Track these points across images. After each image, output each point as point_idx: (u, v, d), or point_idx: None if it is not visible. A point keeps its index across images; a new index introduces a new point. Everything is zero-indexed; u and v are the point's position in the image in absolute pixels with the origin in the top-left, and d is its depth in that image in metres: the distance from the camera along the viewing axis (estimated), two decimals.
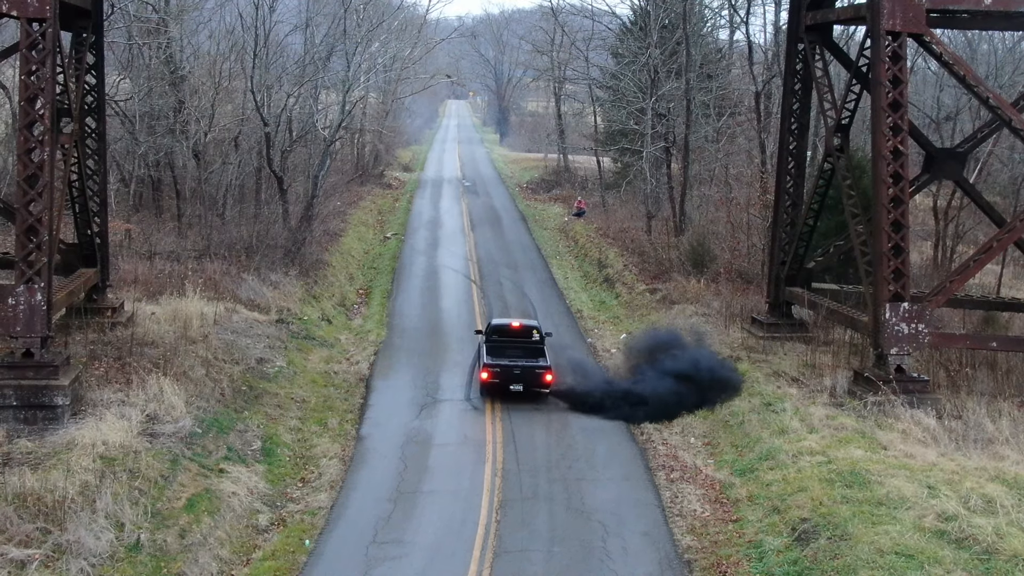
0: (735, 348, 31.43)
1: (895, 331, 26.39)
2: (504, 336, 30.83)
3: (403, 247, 52.41)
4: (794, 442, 23.77)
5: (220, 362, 28.64)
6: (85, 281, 29.01)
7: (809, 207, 31.55)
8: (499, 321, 32.42)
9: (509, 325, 31.50)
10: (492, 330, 31.27)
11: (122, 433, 22.14)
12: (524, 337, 30.81)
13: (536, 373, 28.84)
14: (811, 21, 30.60)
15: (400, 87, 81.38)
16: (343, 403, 28.82)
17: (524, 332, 31.07)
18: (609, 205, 59.51)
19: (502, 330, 31.16)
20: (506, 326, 31.43)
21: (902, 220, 26.66)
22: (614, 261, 45.92)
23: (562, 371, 29.92)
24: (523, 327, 31.33)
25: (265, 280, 36.96)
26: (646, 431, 26.96)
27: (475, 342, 33.18)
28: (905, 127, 26.76)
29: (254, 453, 24.43)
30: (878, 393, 25.57)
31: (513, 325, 31.47)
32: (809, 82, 31.66)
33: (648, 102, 47.68)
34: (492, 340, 30.58)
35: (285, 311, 35.23)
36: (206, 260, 37.62)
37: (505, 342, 30.46)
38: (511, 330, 31.11)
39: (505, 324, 31.69)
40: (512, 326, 31.36)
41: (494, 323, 32.04)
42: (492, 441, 25.75)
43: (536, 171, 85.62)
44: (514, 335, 30.90)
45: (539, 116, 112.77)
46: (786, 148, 32.46)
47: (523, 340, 30.63)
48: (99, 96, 29.90)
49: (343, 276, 43.75)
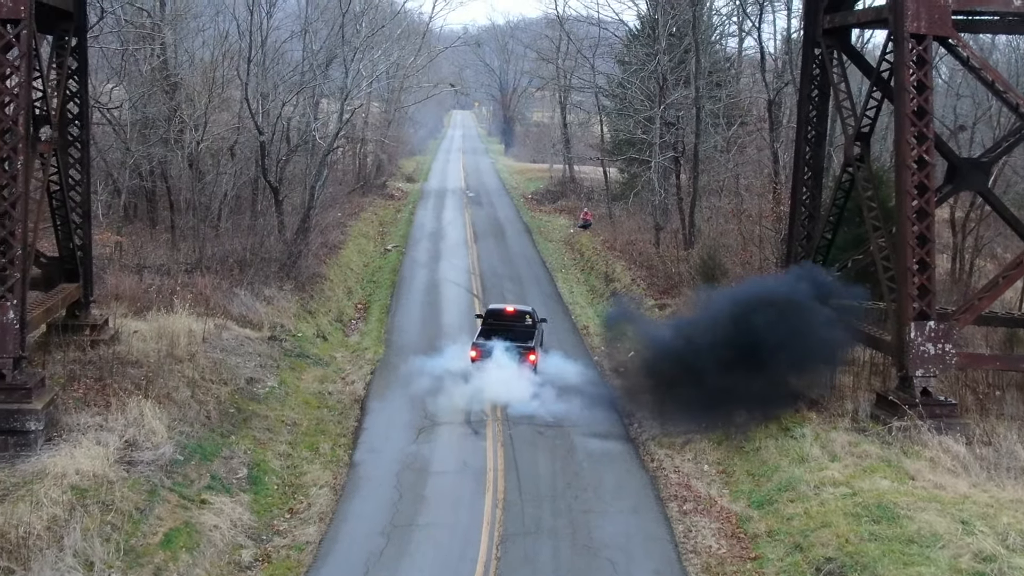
0: None
1: (920, 352, 24.87)
2: (498, 320, 32.90)
3: (404, 260, 50.97)
4: (815, 471, 22.25)
5: (207, 382, 27.20)
6: (66, 297, 27.58)
7: (827, 220, 30.03)
8: (495, 306, 34.89)
9: (504, 310, 33.93)
10: (488, 314, 33.64)
11: (97, 461, 20.68)
12: (517, 321, 32.87)
13: (520, 353, 30.29)
14: (829, 25, 29.16)
15: (403, 96, 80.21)
16: (336, 426, 27.34)
17: (517, 316, 33.29)
18: (616, 217, 58.06)
19: (496, 314, 33.39)
20: (501, 311, 33.78)
21: (928, 234, 25.18)
22: (621, 275, 44.42)
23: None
24: (516, 312, 33.72)
25: (258, 295, 35.53)
26: (656, 457, 25.47)
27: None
28: (931, 135, 25.30)
29: (239, 481, 22.93)
30: (903, 418, 24.01)
31: (507, 310, 33.92)
32: (826, 89, 30.24)
33: (656, 111, 46.21)
34: (487, 323, 32.78)
35: (278, 327, 33.78)
36: (198, 274, 36.21)
37: (498, 325, 32.40)
38: (505, 314, 33.37)
39: (500, 309, 34.17)
40: (506, 311, 33.75)
41: (490, 308, 34.62)
42: (493, 468, 24.24)
43: (541, 181, 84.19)
44: (507, 319, 33.01)
45: (544, 126, 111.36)
46: (802, 158, 30.96)
47: (515, 323, 32.63)
48: (82, 103, 28.46)
49: (341, 290, 42.31)
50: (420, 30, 76.73)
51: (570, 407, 28.87)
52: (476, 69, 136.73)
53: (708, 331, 27.98)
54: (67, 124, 28.18)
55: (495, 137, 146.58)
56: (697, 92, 43.49)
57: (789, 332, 25.97)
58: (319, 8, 48.94)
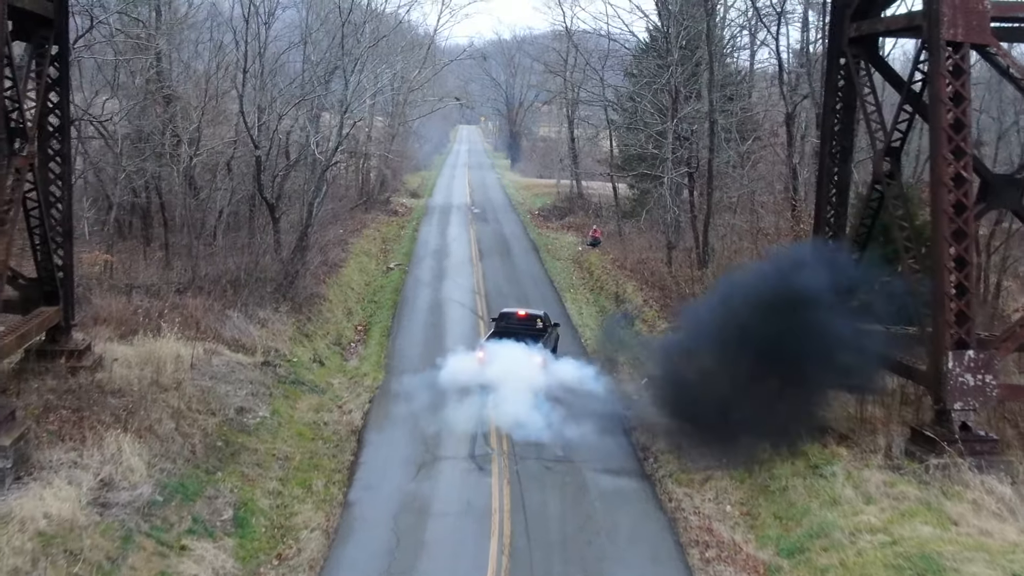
0: None
1: (959, 383, 23.03)
2: (510, 323, 33.25)
3: (407, 279, 49.22)
4: (850, 516, 20.41)
5: (194, 413, 25.49)
6: (44, 321, 25.86)
7: (853, 240, 28.23)
8: (507, 310, 35.11)
9: (516, 313, 34.21)
10: (500, 317, 34.11)
11: (68, 504, 18.93)
12: (528, 325, 33.05)
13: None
14: (855, 33, 27.42)
15: (408, 110, 78.67)
16: (331, 460, 25.52)
17: (529, 320, 33.58)
18: (625, 234, 56.29)
19: (508, 317, 33.82)
20: (512, 314, 34.10)
21: (966, 256, 23.40)
22: (633, 296, 42.65)
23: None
24: (528, 316, 33.99)
25: (252, 317, 33.83)
26: (674, 496, 23.64)
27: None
28: (969, 150, 23.56)
29: (224, 524, 21.14)
30: (941, 455, 22.21)
31: (519, 313, 34.20)
32: (852, 101, 28.45)
33: (669, 124, 44.47)
34: (499, 326, 33.11)
35: (272, 352, 32.06)
36: (190, 294, 34.53)
37: (509, 328, 32.61)
38: (517, 318, 33.69)
39: (512, 312, 34.38)
40: (518, 314, 34.04)
41: (503, 311, 34.78)
42: (499, 509, 22.43)
43: (548, 197, 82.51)
44: (519, 322, 33.30)
45: (551, 141, 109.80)
46: (826, 174, 29.15)
47: (526, 327, 32.73)
48: (63, 115, 26.80)
49: (340, 311, 40.59)
50: (424, 43, 75.37)
51: (581, 437, 27.17)
52: (482, 83, 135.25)
53: (715, 350, 26.36)
54: (47, 137, 26.51)
55: (501, 152, 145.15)
56: (711, 105, 41.73)
57: (812, 346, 24.41)
58: (320, 18, 47.28)
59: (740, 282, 27.51)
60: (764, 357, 25.06)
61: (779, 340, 24.52)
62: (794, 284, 24.74)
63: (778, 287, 25.04)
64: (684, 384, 27.46)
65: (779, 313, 24.61)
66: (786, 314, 24.45)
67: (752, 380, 25.25)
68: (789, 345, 24.49)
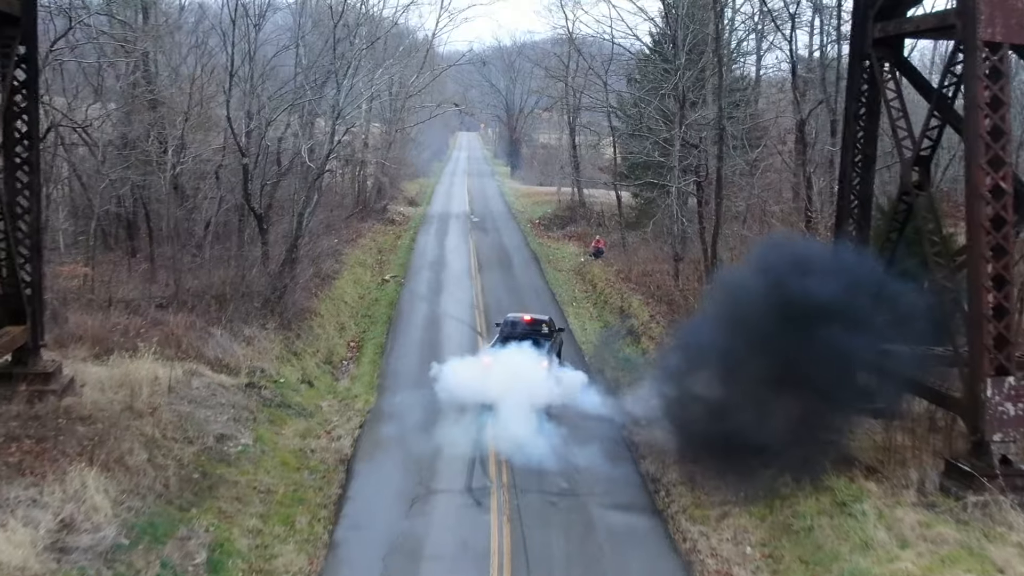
0: None
1: (999, 412, 21.17)
2: (515, 329, 32.57)
3: (403, 292, 47.33)
4: (884, 562, 18.50)
5: (169, 441, 23.63)
6: (9, 341, 24.09)
7: (878, 255, 26.34)
8: (512, 315, 34.53)
9: (521, 319, 33.70)
10: (505, 323, 33.43)
11: (22, 550, 17.07)
12: (534, 330, 32.53)
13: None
14: (880, 34, 25.60)
15: (406, 116, 76.94)
16: (317, 494, 23.60)
17: (535, 325, 33.12)
18: (630, 244, 54.36)
19: (514, 323, 33.22)
20: (518, 320, 33.58)
21: (1006, 274, 21.56)
22: (638, 310, 40.72)
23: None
24: (534, 320, 33.61)
25: (237, 335, 31.98)
26: (689, 535, 21.73)
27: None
28: (1009, 159, 21.81)
29: (196, 569, 19.22)
30: (980, 491, 20.37)
31: (525, 318, 33.75)
32: (876, 106, 26.61)
33: (676, 131, 42.60)
34: (504, 332, 32.42)
35: (258, 372, 30.16)
36: (172, 310, 32.69)
37: (514, 334, 31.90)
38: (522, 323, 33.19)
39: (517, 318, 33.81)
40: (524, 319, 33.61)
41: (508, 317, 34.19)
42: (498, 551, 20.55)
43: (549, 206, 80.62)
44: (525, 328, 32.69)
45: (552, 148, 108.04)
46: (848, 184, 27.29)
47: (532, 333, 32.13)
48: (31, 120, 24.99)
49: (332, 327, 38.72)
50: (423, 47, 73.67)
51: (586, 464, 25.41)
52: (482, 89, 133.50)
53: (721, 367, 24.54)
54: (13, 145, 24.73)
55: (501, 159, 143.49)
56: (720, 111, 39.86)
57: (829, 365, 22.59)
58: (313, 20, 45.45)
59: (746, 286, 25.30)
60: (777, 376, 23.41)
61: (793, 356, 22.87)
62: (811, 293, 22.83)
63: (792, 295, 23.11)
64: (691, 406, 25.73)
65: (792, 325, 22.86)
66: (801, 326, 22.71)
67: (765, 403, 23.53)
68: (804, 362, 22.84)
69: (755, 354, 23.59)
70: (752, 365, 23.67)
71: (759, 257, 26.41)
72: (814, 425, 23.81)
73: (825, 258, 24.97)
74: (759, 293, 23.90)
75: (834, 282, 22.83)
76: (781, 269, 23.86)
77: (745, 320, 24.12)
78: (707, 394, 24.96)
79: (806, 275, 23.24)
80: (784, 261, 24.38)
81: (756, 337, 23.58)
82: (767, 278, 24.03)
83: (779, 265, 24.15)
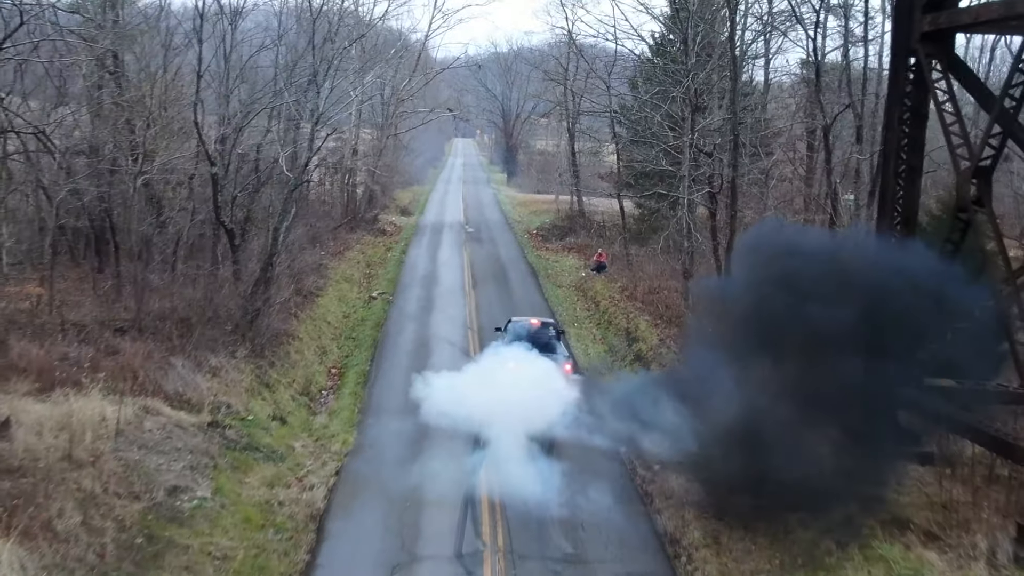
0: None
1: None
2: (524, 334, 31.11)
3: (391, 310, 43.91)
4: None
5: (111, 497, 20.25)
6: None
7: None
8: (519, 320, 33.56)
9: (529, 322, 32.83)
10: (513, 329, 32.13)
11: None
12: (542, 335, 31.28)
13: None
14: (930, 27, 22.40)
15: (398, 122, 73.83)
16: (282, 560, 20.16)
17: (543, 329, 32.17)
18: (633, 257, 51.01)
19: (524, 329, 31.90)
20: (526, 324, 32.54)
21: None
22: (646, 333, 37.35)
23: None
24: (542, 324, 32.87)
25: (202, 365, 28.58)
26: None
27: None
28: None
29: None
30: None
31: (533, 322, 32.99)
32: (922, 110, 23.41)
33: (686, 138, 39.28)
34: (510, 339, 30.80)
35: (223, 408, 26.80)
36: (131, 336, 29.37)
37: (522, 340, 30.14)
38: (532, 328, 32.04)
39: (525, 322, 32.88)
40: (532, 323, 32.77)
41: (514, 322, 33.17)
42: None
43: (547, 215, 77.29)
44: (534, 333, 31.42)
45: (549, 155, 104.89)
46: (889, 198, 24.06)
47: (541, 338, 30.76)
48: None
49: (312, 351, 35.34)
50: (415, 50, 70.61)
51: (594, 518, 22.20)
52: (477, 94, 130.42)
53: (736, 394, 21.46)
54: None
55: (497, 166, 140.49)
56: (734, 116, 36.60)
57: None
58: (296, 16, 42.16)
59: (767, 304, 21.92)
60: (804, 411, 20.38)
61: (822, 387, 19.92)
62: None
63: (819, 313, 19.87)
64: (710, 450, 22.59)
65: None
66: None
67: (793, 446, 20.37)
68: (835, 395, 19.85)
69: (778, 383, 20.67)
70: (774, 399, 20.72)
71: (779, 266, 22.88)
72: (852, 474, 20.69)
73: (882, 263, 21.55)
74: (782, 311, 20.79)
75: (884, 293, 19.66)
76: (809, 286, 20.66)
77: (766, 342, 21.15)
78: (726, 433, 21.84)
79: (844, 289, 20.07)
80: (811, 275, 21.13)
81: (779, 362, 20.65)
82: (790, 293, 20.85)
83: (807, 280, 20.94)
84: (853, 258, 21.39)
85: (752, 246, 24.50)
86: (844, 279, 20.25)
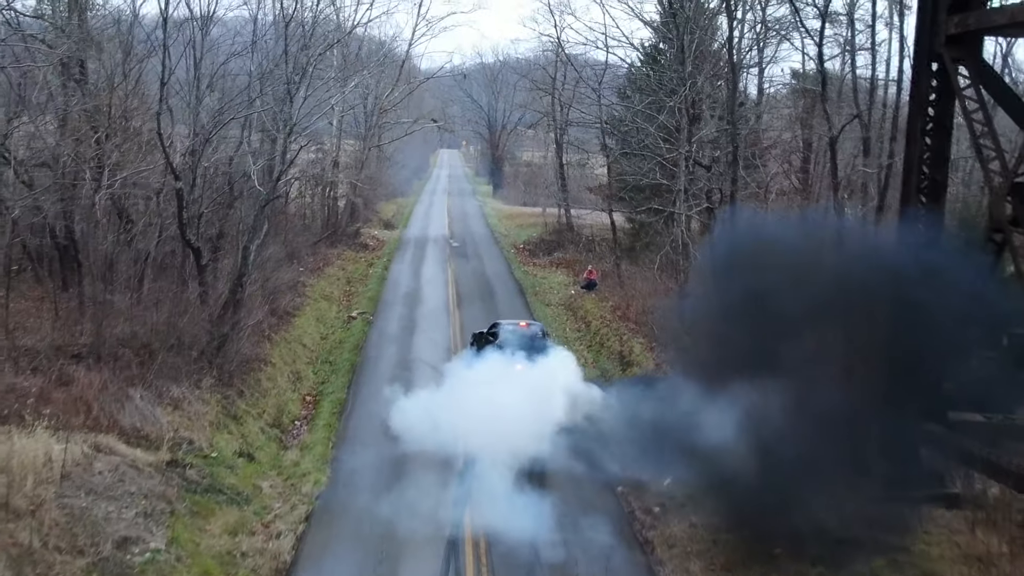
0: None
1: None
2: (512, 337, 31.51)
3: (371, 331, 41.68)
4: None
5: (51, 552, 18.05)
6: None
7: None
8: (507, 322, 34.12)
9: (518, 325, 33.54)
10: (502, 332, 32.41)
11: None
12: (531, 338, 31.69)
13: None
14: (957, 29, 20.50)
15: (381, 133, 71.76)
16: None
17: (530, 331, 32.64)
18: (625, 274, 48.91)
19: (511, 331, 32.35)
20: (515, 327, 32.98)
21: None
22: (641, 357, 35.28)
23: None
24: (529, 326, 33.62)
25: (163, 396, 26.36)
26: None
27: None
28: None
29: None
30: None
31: (522, 324, 33.81)
32: (947, 119, 21.49)
33: (684, 150, 37.25)
34: (499, 342, 31.26)
35: (184, 445, 24.56)
36: (87, 364, 27.14)
37: (511, 343, 30.53)
38: (520, 330, 32.66)
39: (513, 326, 33.31)
40: (521, 325, 33.50)
41: (500, 325, 33.40)
42: None
43: (535, 228, 75.20)
44: (523, 333, 32.15)
45: (536, 166, 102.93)
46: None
47: (529, 341, 31.05)
48: None
49: (286, 378, 33.13)
50: (398, 61, 68.64)
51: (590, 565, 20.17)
52: (463, 105, 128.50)
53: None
54: None
55: (483, 178, 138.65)
56: (734, 127, 34.61)
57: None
58: (274, 21, 39.99)
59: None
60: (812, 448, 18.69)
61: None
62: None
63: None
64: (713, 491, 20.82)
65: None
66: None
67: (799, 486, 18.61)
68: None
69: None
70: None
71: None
72: (872, 521, 18.87)
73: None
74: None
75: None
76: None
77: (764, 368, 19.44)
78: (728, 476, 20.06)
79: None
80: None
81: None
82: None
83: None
84: (871, 274, 19.58)
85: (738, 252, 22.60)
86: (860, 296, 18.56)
